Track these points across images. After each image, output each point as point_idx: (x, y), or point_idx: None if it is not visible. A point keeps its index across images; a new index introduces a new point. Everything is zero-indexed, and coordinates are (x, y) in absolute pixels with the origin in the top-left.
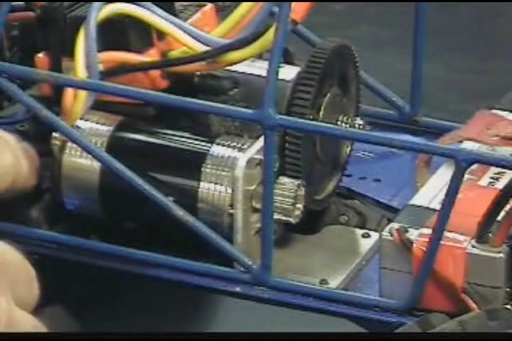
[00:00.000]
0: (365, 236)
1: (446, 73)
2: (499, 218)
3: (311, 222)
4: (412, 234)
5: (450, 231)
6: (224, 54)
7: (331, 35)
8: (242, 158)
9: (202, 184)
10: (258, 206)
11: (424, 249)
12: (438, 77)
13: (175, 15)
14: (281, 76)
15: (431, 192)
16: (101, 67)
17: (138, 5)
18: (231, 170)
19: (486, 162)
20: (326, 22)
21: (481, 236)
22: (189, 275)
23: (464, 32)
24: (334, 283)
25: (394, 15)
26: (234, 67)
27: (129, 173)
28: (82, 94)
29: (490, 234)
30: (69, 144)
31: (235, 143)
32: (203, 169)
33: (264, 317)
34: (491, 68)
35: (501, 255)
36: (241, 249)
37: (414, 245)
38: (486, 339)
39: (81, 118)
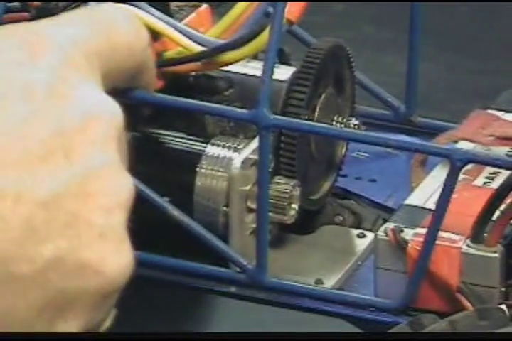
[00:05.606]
0: (361, 236)
1: (446, 73)
2: (494, 218)
3: (307, 222)
4: (407, 233)
5: (445, 231)
6: (219, 54)
7: (330, 35)
8: (237, 159)
9: (197, 184)
10: (253, 206)
11: (419, 248)
12: (438, 77)
13: (170, 15)
14: (276, 76)
15: (426, 192)
16: None
17: (133, 5)
18: (226, 170)
19: (481, 162)
20: (325, 22)
21: (476, 235)
22: (184, 276)
23: (464, 32)
24: (329, 283)
25: (393, 15)
26: (229, 68)
27: None
28: None
29: (485, 234)
30: None
31: (230, 144)
32: (198, 169)
33: (259, 318)
34: (491, 68)
35: (496, 255)
36: (236, 249)
37: (410, 245)
38: (476, 338)
39: None
